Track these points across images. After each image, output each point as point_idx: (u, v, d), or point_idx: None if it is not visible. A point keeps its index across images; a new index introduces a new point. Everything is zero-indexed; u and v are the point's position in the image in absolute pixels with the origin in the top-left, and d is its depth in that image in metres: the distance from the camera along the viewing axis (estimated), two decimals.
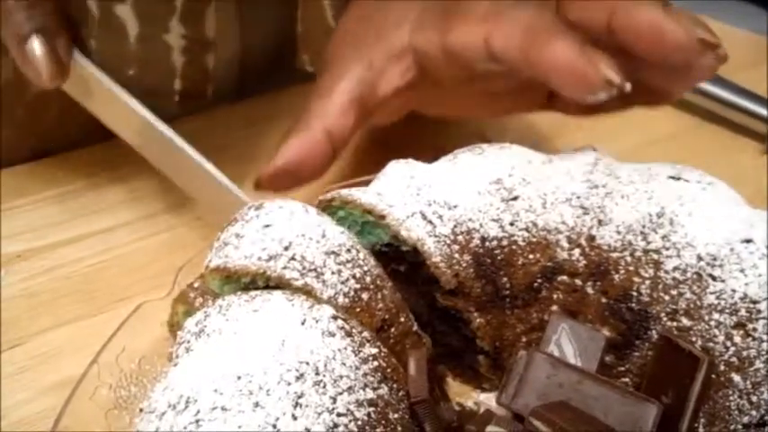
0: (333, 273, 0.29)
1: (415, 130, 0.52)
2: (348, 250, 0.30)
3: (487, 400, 0.33)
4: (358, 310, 0.28)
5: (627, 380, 0.31)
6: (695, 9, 0.37)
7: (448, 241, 0.31)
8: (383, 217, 0.31)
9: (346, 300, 0.28)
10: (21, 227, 0.45)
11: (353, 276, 0.29)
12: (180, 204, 0.47)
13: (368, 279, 0.29)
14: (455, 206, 0.32)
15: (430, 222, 0.31)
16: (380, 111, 0.41)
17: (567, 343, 0.30)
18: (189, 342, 0.28)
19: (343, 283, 0.29)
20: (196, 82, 0.47)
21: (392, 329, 0.29)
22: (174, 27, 0.42)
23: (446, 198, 0.32)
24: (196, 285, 0.31)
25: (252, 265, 0.28)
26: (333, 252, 0.29)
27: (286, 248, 0.29)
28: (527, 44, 0.34)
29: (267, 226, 0.29)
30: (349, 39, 0.42)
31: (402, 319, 0.30)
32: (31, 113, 0.47)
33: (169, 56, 0.44)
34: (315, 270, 0.28)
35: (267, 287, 0.28)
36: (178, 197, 0.48)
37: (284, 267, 0.28)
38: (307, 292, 0.28)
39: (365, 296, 0.29)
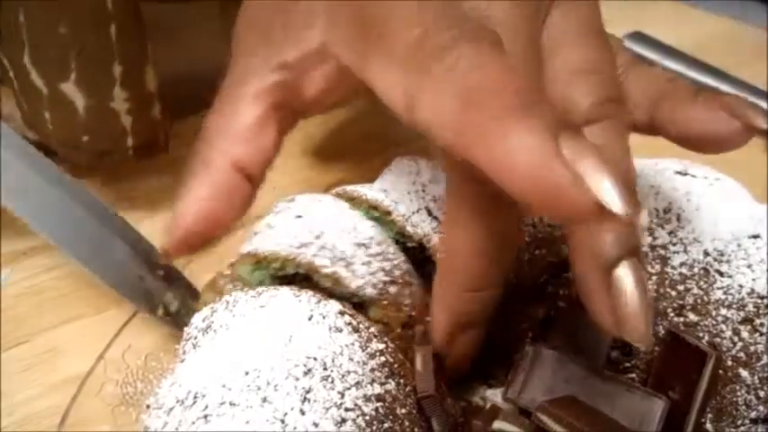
0: (362, 264, 0.29)
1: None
2: (378, 243, 0.29)
3: (493, 395, 0.33)
4: (385, 302, 0.28)
5: (633, 375, 0.31)
6: (697, 5, 0.36)
7: None
8: (389, 213, 0.31)
9: (374, 291, 0.28)
10: (26, 224, 0.45)
11: (383, 269, 0.29)
12: None
13: (396, 273, 0.29)
14: None
15: (435, 219, 0.31)
16: (312, 111, 0.32)
17: (573, 337, 0.30)
18: (196, 338, 0.28)
19: (372, 274, 0.29)
20: (148, 134, 0.45)
21: (417, 327, 0.30)
22: (118, 94, 0.42)
23: None
24: (226, 273, 0.31)
25: (282, 251, 0.28)
26: (363, 244, 0.29)
27: (317, 237, 0.29)
28: (470, 133, 0.21)
29: (299, 217, 0.30)
30: (257, 22, 0.31)
31: (428, 320, 0.30)
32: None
33: (118, 120, 0.43)
34: (344, 259, 0.28)
35: (296, 275, 0.29)
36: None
37: (314, 255, 0.28)
38: (335, 280, 0.28)
39: (393, 290, 0.29)
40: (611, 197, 0.19)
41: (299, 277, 0.29)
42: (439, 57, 0.22)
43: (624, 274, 0.24)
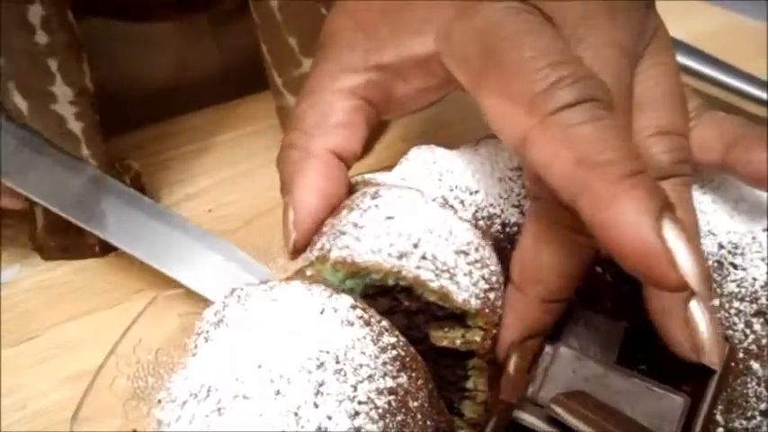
0: (465, 274, 0.27)
1: (437, 121, 0.52)
2: (476, 249, 0.28)
3: None
4: (486, 311, 0.27)
5: (644, 367, 0.31)
6: None
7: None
8: None
9: (478, 302, 0.27)
10: None
11: (483, 277, 0.28)
12: (190, 198, 0.47)
13: (494, 279, 0.28)
14: (476, 192, 0.32)
15: (452, 207, 0.31)
16: (394, 112, 0.34)
17: (586, 332, 0.30)
18: (208, 332, 0.28)
19: (474, 284, 0.27)
20: None
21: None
22: None
23: (467, 184, 0.32)
24: (309, 273, 0.29)
25: (384, 262, 0.27)
26: (462, 251, 0.28)
27: (415, 246, 0.27)
28: (579, 184, 0.23)
29: (390, 218, 0.28)
30: (360, 20, 0.32)
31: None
32: None
33: None
34: (448, 271, 0.27)
35: (395, 287, 0.27)
36: (187, 192, 0.48)
37: (418, 267, 0.27)
38: (442, 295, 0.27)
39: (492, 296, 0.28)
40: (695, 281, 0.23)
41: (398, 288, 0.27)
42: (562, 109, 0.24)
43: (699, 309, 0.27)
